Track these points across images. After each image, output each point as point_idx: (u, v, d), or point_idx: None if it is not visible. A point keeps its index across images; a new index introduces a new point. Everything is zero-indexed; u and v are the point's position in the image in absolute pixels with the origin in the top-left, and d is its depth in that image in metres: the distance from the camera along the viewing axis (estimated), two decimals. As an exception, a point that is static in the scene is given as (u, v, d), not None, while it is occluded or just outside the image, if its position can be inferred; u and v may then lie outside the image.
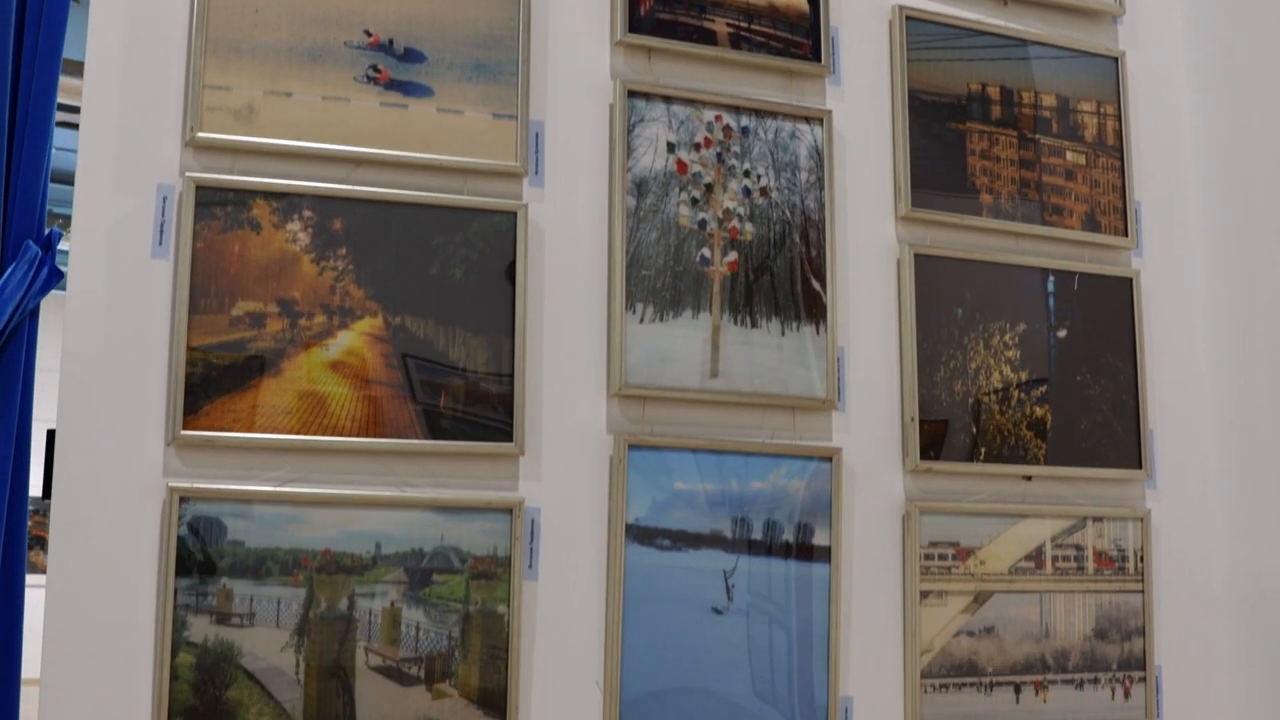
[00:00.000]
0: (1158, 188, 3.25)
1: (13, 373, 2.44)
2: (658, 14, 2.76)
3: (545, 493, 2.55)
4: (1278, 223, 3.06)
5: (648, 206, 2.69)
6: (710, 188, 2.76)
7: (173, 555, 2.27)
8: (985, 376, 2.94)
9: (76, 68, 2.53)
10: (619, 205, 2.66)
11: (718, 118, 2.79)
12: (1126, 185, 3.17)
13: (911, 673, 2.77)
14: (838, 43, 2.95)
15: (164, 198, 2.39)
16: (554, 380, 2.60)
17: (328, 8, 2.53)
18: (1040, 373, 3.00)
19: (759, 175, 2.80)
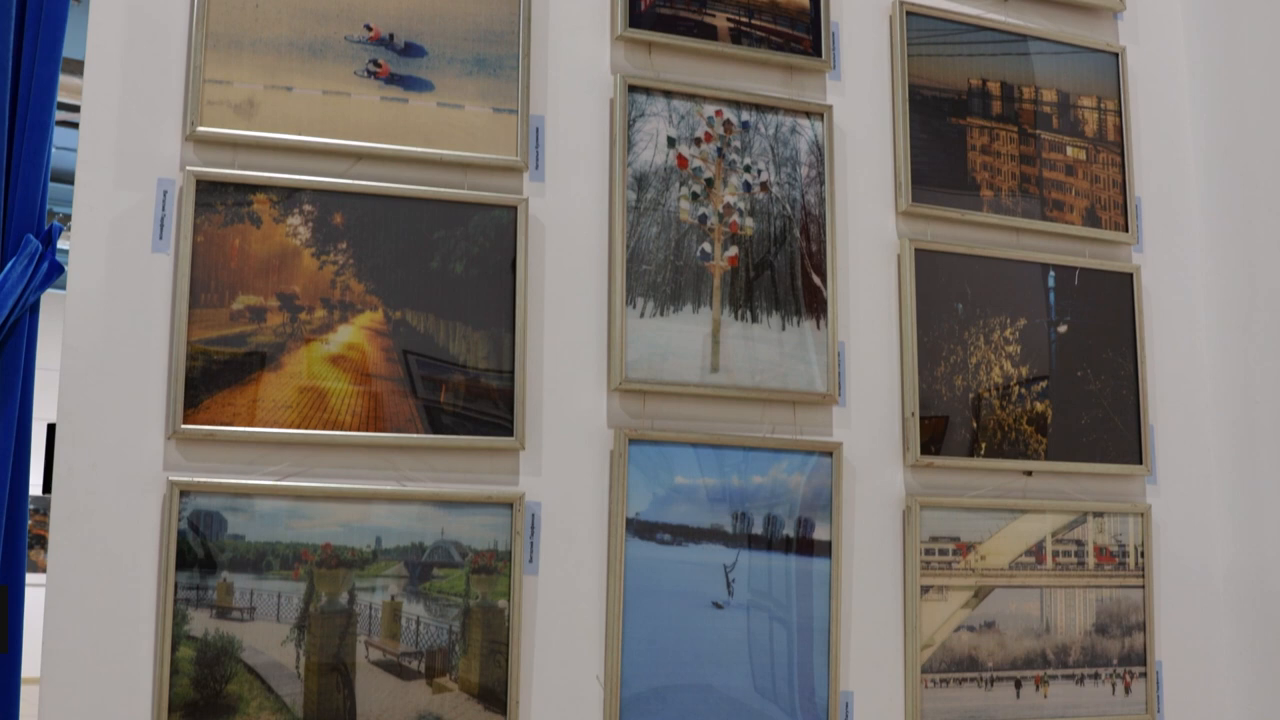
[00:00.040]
0: (1158, 183, 3.25)
1: (13, 367, 2.45)
2: (658, 9, 2.76)
3: (546, 487, 2.55)
4: (1278, 218, 3.06)
5: (648, 201, 2.69)
6: (711, 182, 2.76)
7: (173, 549, 2.27)
8: (986, 371, 2.94)
9: (76, 67, 2.53)
10: (619, 200, 2.66)
11: (718, 112, 2.78)
12: (1127, 180, 3.17)
13: (912, 668, 2.77)
14: (838, 38, 2.95)
15: (164, 192, 2.39)
16: (554, 375, 2.60)
17: (328, 2, 2.53)
18: (1041, 368, 3.00)
19: (759, 170, 2.80)
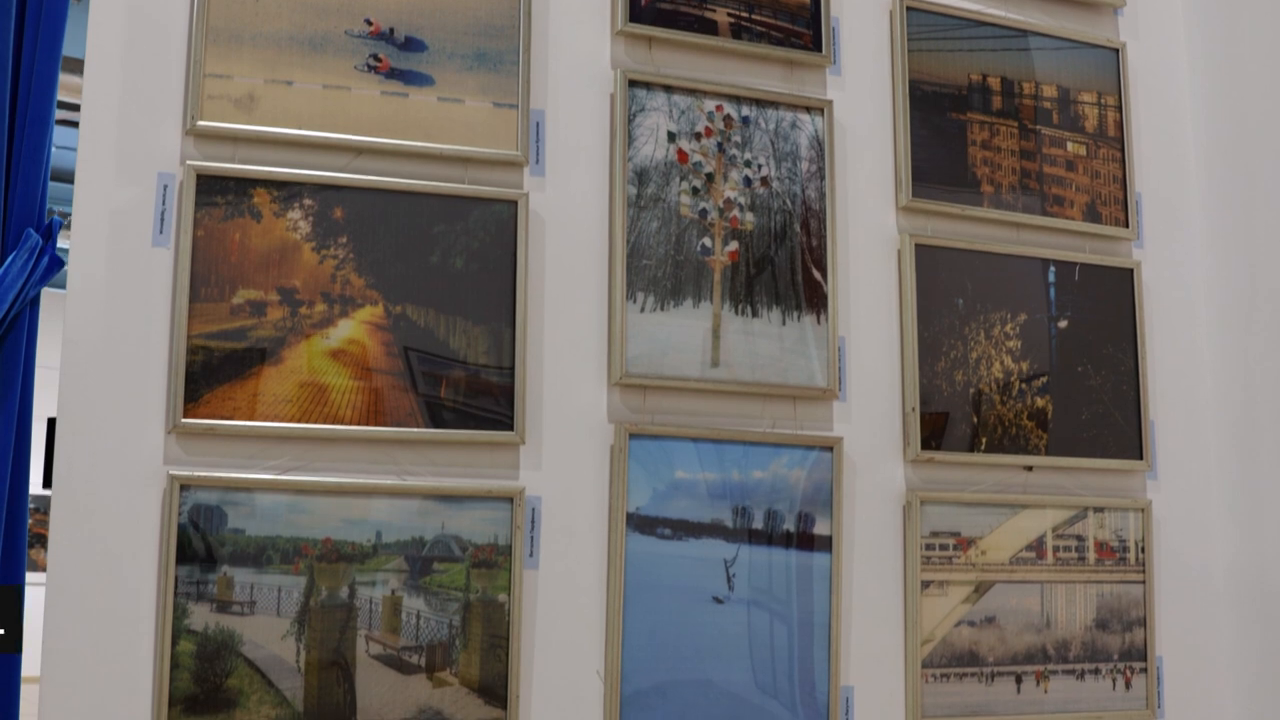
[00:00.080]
0: (1159, 179, 3.25)
1: (13, 362, 2.45)
2: (658, 3, 2.76)
3: (546, 481, 2.55)
4: (1279, 213, 3.06)
5: (648, 196, 2.69)
6: (711, 177, 2.75)
7: (173, 543, 2.27)
8: (986, 367, 2.94)
9: (76, 66, 2.53)
10: (620, 194, 2.66)
11: (718, 107, 2.78)
12: (1127, 176, 3.17)
13: (912, 663, 2.77)
14: (838, 33, 2.95)
15: (164, 186, 2.39)
16: (555, 369, 2.60)
17: (328, -4, 2.53)
18: (1041, 363, 3.00)
19: (760, 165, 2.80)
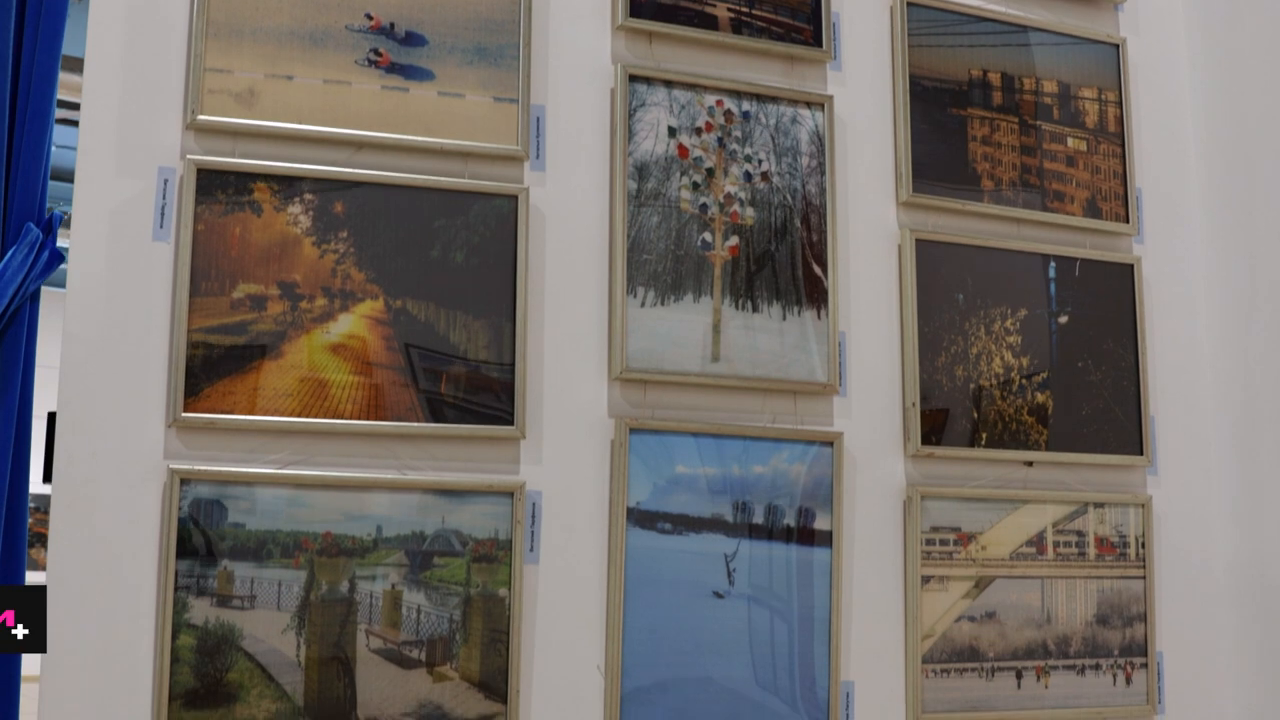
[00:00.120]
0: (1159, 174, 3.25)
1: (13, 356, 2.44)
2: (659, -2, 2.76)
3: (546, 476, 2.55)
4: (1279, 209, 3.06)
5: (649, 191, 2.69)
6: (711, 172, 2.75)
7: (173, 537, 2.27)
8: (986, 362, 2.94)
9: (76, 64, 2.52)
10: (620, 189, 2.66)
11: (719, 102, 2.78)
12: (1127, 172, 3.17)
13: (913, 658, 2.76)
14: (839, 28, 2.95)
15: (165, 180, 2.38)
16: (555, 364, 2.59)
17: (329, -9, 2.53)
18: (1041, 358, 3.00)
19: (760, 160, 2.80)
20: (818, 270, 2.80)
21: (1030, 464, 2.95)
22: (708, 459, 2.65)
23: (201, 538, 2.30)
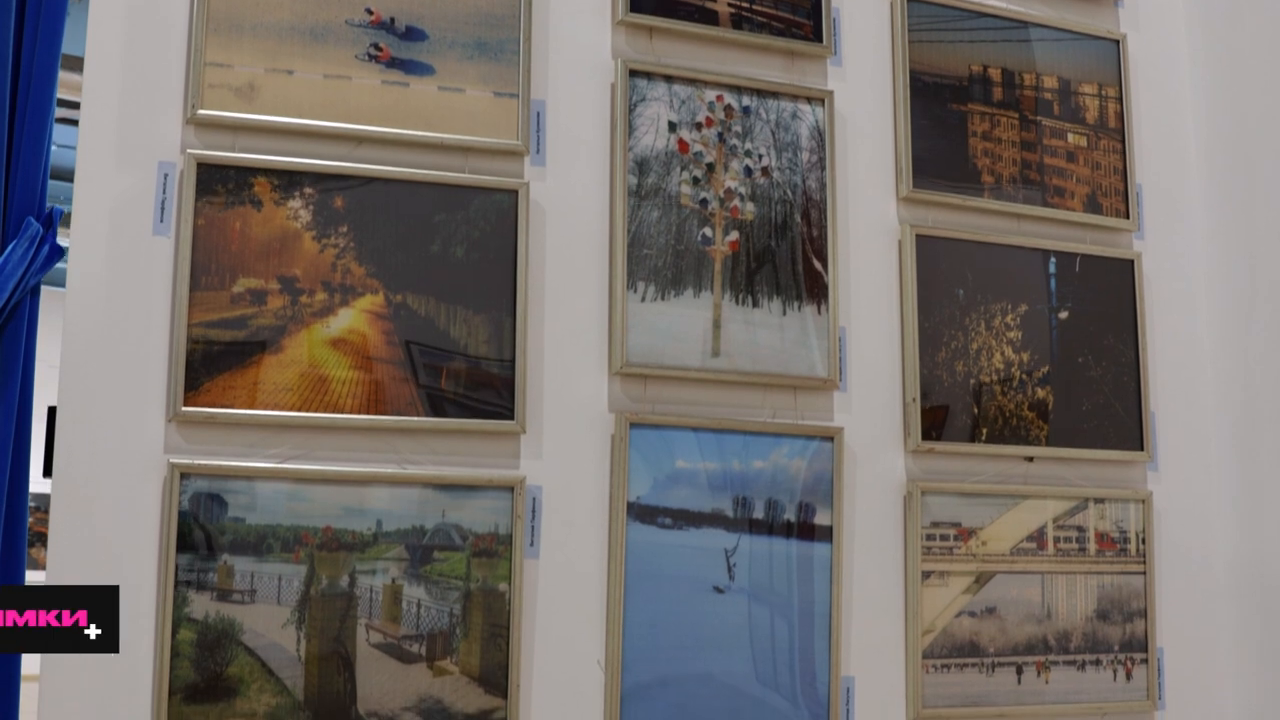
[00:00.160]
0: (1159, 170, 3.24)
1: (13, 351, 2.45)
2: (659, -7, 2.76)
3: (546, 471, 2.55)
4: (1279, 205, 3.06)
5: (649, 186, 2.69)
6: (711, 167, 2.75)
7: (173, 532, 2.27)
8: (987, 357, 2.94)
9: (76, 63, 2.52)
10: (620, 184, 2.66)
11: (719, 97, 2.78)
12: (1128, 167, 3.17)
13: (913, 653, 2.76)
14: (839, 23, 2.95)
15: (165, 175, 2.38)
16: (555, 358, 2.59)
17: (329, -14, 2.53)
18: (1042, 354, 3.00)
19: (760, 155, 2.80)
20: (818, 265, 2.80)
21: (1031, 459, 2.95)
22: (708, 454, 2.65)
23: (201, 532, 2.30)
